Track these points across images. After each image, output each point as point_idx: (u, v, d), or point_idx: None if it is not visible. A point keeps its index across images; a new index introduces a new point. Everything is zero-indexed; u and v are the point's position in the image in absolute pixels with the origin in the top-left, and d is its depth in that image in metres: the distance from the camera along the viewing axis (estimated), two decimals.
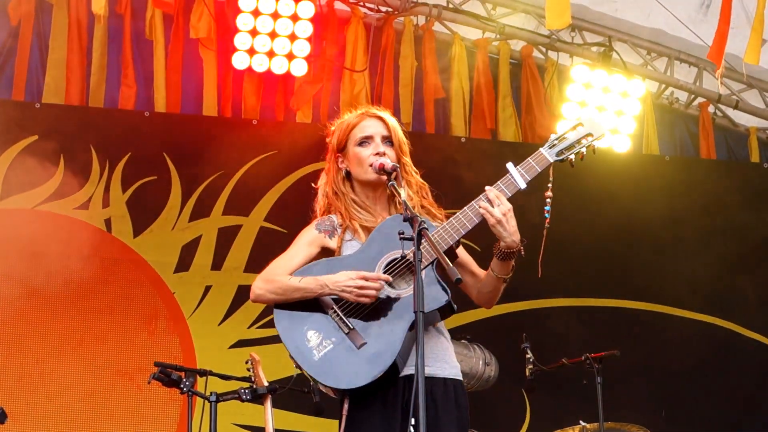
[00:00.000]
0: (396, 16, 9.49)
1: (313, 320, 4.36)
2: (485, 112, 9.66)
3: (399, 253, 4.30)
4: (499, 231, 4.31)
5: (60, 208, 8.45)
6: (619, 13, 9.59)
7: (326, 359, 4.28)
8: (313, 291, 4.34)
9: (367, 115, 4.62)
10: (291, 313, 4.40)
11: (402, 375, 4.29)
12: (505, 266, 4.40)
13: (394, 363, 4.23)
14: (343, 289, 4.28)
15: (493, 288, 4.47)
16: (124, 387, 8.24)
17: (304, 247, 4.52)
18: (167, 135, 8.84)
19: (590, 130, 4.51)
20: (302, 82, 9.18)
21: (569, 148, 4.48)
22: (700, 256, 9.44)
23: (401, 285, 4.34)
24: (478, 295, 4.54)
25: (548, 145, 4.48)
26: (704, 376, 9.24)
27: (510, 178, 4.39)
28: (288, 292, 4.38)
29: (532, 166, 4.41)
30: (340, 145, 4.61)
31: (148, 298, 8.49)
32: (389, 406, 4.28)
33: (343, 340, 4.29)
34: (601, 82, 9.57)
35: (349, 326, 4.29)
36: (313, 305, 4.38)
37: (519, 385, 7.86)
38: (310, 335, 4.33)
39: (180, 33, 9.08)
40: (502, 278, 4.43)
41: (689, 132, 10.40)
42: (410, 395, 4.23)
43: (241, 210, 8.77)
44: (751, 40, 7.06)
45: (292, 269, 4.44)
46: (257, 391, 6.56)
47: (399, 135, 4.58)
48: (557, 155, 4.45)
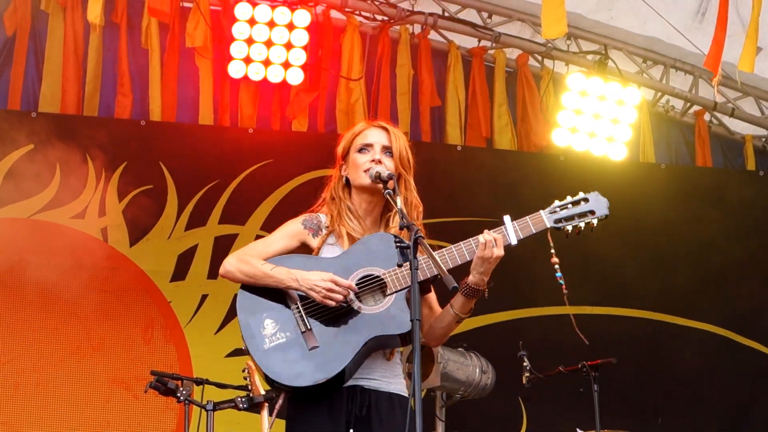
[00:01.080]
0: (392, 25, 9.50)
1: (274, 310, 4.38)
2: (481, 121, 9.66)
3: (375, 271, 4.32)
4: (479, 266, 4.31)
5: (56, 218, 8.45)
6: (614, 21, 9.60)
7: (275, 351, 4.31)
8: (283, 282, 4.36)
9: (373, 125, 4.65)
10: (255, 298, 4.42)
11: (346, 385, 4.30)
12: (467, 304, 4.39)
13: (341, 372, 4.24)
14: (312, 287, 4.30)
15: (447, 325, 4.46)
16: (120, 396, 8.23)
17: (285, 238, 4.54)
18: (163, 144, 8.84)
19: (594, 207, 4.50)
20: (298, 90, 9.18)
21: (569, 219, 4.47)
22: (695, 264, 9.45)
23: (369, 302, 4.34)
24: (428, 330, 4.51)
25: (549, 209, 4.47)
26: (700, 384, 9.25)
27: (504, 231, 4.38)
28: (258, 276, 4.41)
29: (528, 225, 4.41)
30: (344, 152, 4.64)
31: (145, 307, 8.50)
32: (335, 413, 4.29)
33: (297, 337, 4.31)
34: (596, 90, 9.58)
35: (306, 326, 4.31)
36: (278, 296, 4.40)
37: (516, 393, 7.88)
38: (267, 323, 4.36)
39: (176, 42, 9.07)
40: (458, 316, 4.41)
41: (685, 140, 10.40)
42: (353, 406, 4.28)
43: (238, 219, 8.78)
44: (746, 48, 7.07)
45: (267, 255, 4.46)
46: (254, 400, 6.55)
47: (402, 149, 4.57)
48: (555, 222, 4.45)
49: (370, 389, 4.32)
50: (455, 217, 8.23)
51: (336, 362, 4.24)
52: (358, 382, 4.31)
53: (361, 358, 4.28)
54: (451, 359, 7.84)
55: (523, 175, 9.21)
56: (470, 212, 8.37)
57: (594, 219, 4.49)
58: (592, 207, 4.50)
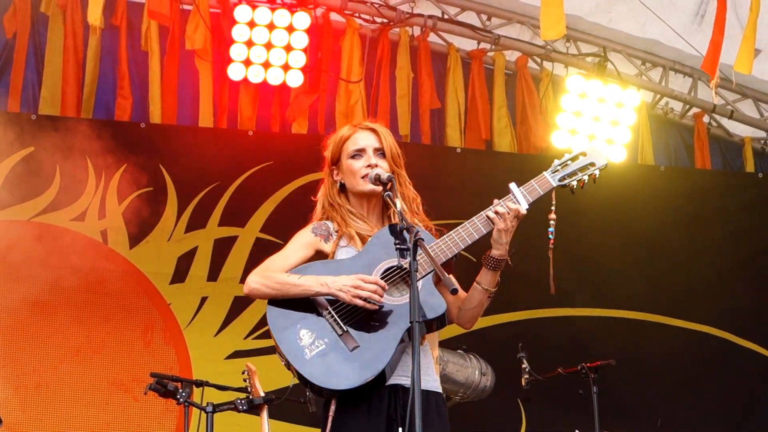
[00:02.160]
0: (391, 27, 9.51)
1: (306, 320, 4.36)
2: (480, 123, 9.67)
3: (395, 262, 4.30)
4: (500, 238, 4.36)
5: (56, 220, 8.46)
6: (613, 24, 9.61)
7: (317, 359, 4.28)
8: (312, 289, 4.34)
9: (359, 127, 4.65)
10: (284, 311, 4.39)
11: (388, 384, 4.29)
12: (494, 277, 4.42)
13: (383, 371, 4.23)
14: (341, 288, 4.29)
15: (478, 303, 4.47)
16: (120, 398, 8.24)
17: (301, 248, 4.52)
18: (163, 146, 8.84)
19: (593, 159, 4.55)
20: (298, 93, 9.19)
21: (571, 175, 4.52)
22: (695, 266, 9.46)
23: (395, 294, 4.34)
24: (459, 314, 4.51)
25: (551, 170, 4.52)
26: (700, 385, 9.26)
27: (513, 198, 4.42)
28: (286, 287, 4.38)
29: (535, 188, 4.46)
30: (334, 157, 4.63)
31: (144, 309, 8.50)
32: (374, 414, 4.28)
33: (336, 341, 4.29)
34: (596, 92, 9.58)
35: (342, 328, 4.30)
36: (307, 305, 4.38)
37: (515, 395, 7.89)
38: (302, 334, 4.33)
39: (176, 44, 9.08)
40: (488, 291, 4.43)
41: (684, 142, 10.41)
42: (396, 405, 4.26)
43: (237, 221, 8.78)
44: (742, 49, 7.08)
45: (288, 268, 4.44)
46: (254, 402, 6.56)
47: (392, 147, 4.60)
48: (560, 180, 4.50)
49: (409, 388, 4.31)
50: (455, 219, 8.24)
51: (381, 357, 4.23)
52: (399, 381, 4.29)
53: (402, 350, 4.27)
54: (451, 361, 7.85)
55: (523, 177, 9.17)
56: (470, 214, 8.36)
57: (596, 170, 4.55)
58: (592, 159, 4.55)
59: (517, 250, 4.47)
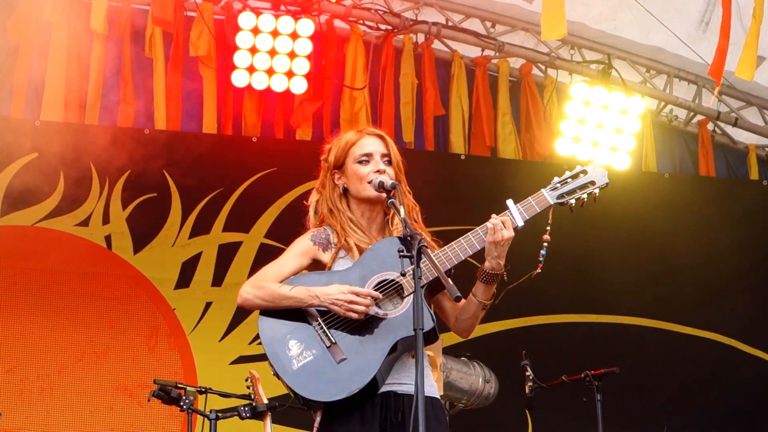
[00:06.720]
0: (395, 34, 9.51)
1: (296, 330, 4.34)
2: (485, 130, 9.67)
3: (390, 275, 4.30)
4: (493, 251, 4.32)
5: (60, 225, 8.47)
6: (618, 31, 9.61)
7: (304, 370, 4.27)
8: (303, 301, 4.33)
9: (365, 132, 4.62)
10: (275, 321, 4.38)
11: (381, 392, 4.28)
12: (488, 290, 4.39)
13: (374, 379, 4.22)
14: (333, 301, 4.27)
15: (473, 314, 4.44)
16: (124, 403, 8.25)
17: (297, 257, 4.50)
18: (167, 152, 8.84)
19: (594, 177, 4.49)
20: (302, 99, 9.19)
21: (570, 192, 4.46)
22: (699, 273, 9.45)
23: (388, 306, 4.32)
24: (455, 323, 4.50)
25: (550, 187, 4.47)
26: (705, 393, 9.25)
27: (509, 214, 4.39)
28: (277, 299, 4.37)
29: (532, 205, 4.42)
30: (338, 162, 4.60)
31: (149, 315, 8.51)
32: (367, 421, 4.26)
33: (324, 352, 4.28)
34: (600, 99, 9.58)
35: (331, 340, 4.28)
36: (297, 315, 4.36)
37: (519, 403, 7.86)
38: (291, 344, 4.32)
39: (180, 51, 9.09)
40: (482, 303, 4.40)
41: (688, 149, 10.41)
42: (387, 412, 4.25)
43: (242, 227, 8.79)
44: (744, 56, 7.08)
45: (283, 277, 4.43)
46: (257, 409, 6.56)
47: (397, 155, 4.59)
48: (558, 198, 4.44)
49: (404, 394, 4.27)
50: (458, 226, 8.23)
51: (367, 370, 4.21)
52: (391, 388, 4.28)
53: (391, 362, 4.26)
54: (454, 368, 7.84)
55: (527, 184, 9.15)
56: (474, 221, 8.36)
57: (595, 189, 4.48)
58: (592, 178, 4.49)
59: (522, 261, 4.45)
